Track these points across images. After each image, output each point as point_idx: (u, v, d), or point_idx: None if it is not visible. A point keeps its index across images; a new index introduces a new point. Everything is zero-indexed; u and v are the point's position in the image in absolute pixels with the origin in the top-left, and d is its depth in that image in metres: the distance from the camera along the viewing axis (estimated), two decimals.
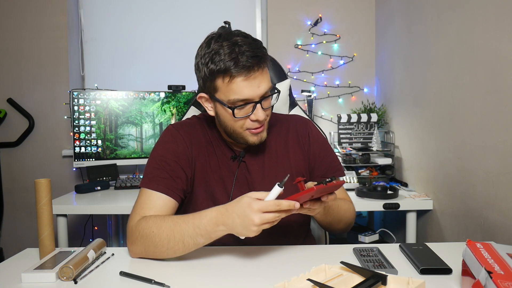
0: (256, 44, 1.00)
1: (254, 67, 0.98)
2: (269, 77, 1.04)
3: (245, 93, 0.99)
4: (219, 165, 1.15)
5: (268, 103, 1.05)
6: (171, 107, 2.43)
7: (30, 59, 2.64)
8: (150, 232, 0.97)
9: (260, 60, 0.99)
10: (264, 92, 1.01)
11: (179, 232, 0.95)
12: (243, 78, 0.98)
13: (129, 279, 0.89)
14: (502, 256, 0.76)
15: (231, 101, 1.01)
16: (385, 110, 2.44)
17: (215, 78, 1.00)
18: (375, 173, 2.21)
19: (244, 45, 0.98)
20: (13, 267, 0.98)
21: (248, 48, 0.97)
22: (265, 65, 1.01)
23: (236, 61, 0.96)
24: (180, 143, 1.13)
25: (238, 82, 0.98)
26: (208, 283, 0.87)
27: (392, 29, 2.35)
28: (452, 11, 1.63)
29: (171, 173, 1.08)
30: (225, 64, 0.97)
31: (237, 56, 0.96)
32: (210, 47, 1.01)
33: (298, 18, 2.64)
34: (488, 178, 1.40)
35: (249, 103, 1.01)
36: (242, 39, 0.99)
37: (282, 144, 1.19)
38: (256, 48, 0.99)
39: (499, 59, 1.33)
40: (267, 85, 1.02)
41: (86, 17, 2.75)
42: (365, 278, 0.78)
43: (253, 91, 0.99)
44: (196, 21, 2.73)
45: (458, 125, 1.60)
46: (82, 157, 2.31)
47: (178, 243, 0.95)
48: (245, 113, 1.03)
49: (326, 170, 1.20)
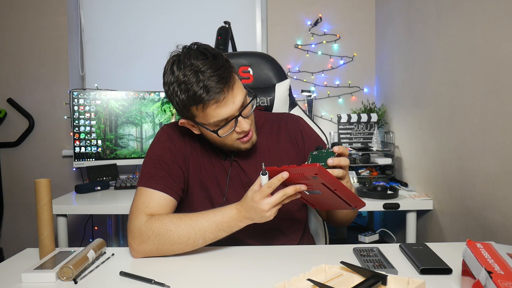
0: (218, 63, 0.98)
1: (224, 90, 0.97)
2: (241, 86, 1.03)
3: (223, 114, 1.00)
4: (213, 164, 1.17)
5: (248, 110, 1.06)
6: (171, 107, 2.43)
7: (30, 59, 2.64)
8: (168, 231, 1.00)
9: (227, 81, 0.98)
10: (241, 104, 1.02)
11: (200, 229, 1.00)
12: (216, 104, 0.98)
13: (129, 279, 0.89)
14: (502, 256, 0.76)
15: (212, 123, 1.02)
16: (385, 110, 2.44)
17: (189, 107, 1.00)
18: (375, 173, 2.21)
19: (208, 69, 0.96)
20: (13, 267, 0.98)
21: (211, 71, 0.96)
22: (232, 81, 1.00)
23: (205, 91, 0.95)
24: (176, 142, 1.15)
25: (212, 109, 0.98)
26: (208, 283, 0.87)
27: (392, 29, 2.35)
28: (452, 11, 1.63)
29: (170, 172, 1.10)
30: (194, 95, 0.96)
31: (204, 85, 0.95)
32: (174, 75, 1.00)
33: (298, 18, 2.64)
34: (488, 178, 1.40)
35: (230, 120, 1.02)
36: (202, 62, 0.97)
37: (274, 142, 1.21)
38: (218, 68, 0.97)
39: (499, 59, 1.33)
40: (241, 96, 1.02)
41: (86, 17, 2.75)
42: (365, 278, 0.78)
43: (230, 109, 1.00)
44: (196, 21, 2.73)
45: (458, 125, 1.60)
46: (82, 157, 2.31)
47: (199, 239, 1.00)
48: (229, 128, 1.04)
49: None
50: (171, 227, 1.00)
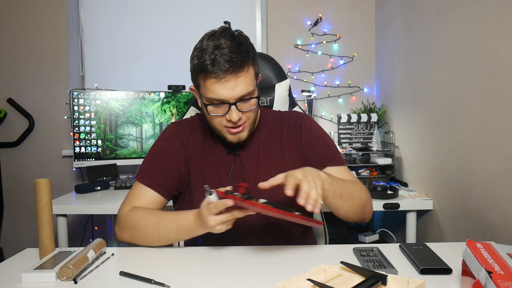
0: (239, 48, 1.03)
1: (228, 71, 1.01)
2: (249, 82, 1.06)
3: (219, 93, 1.03)
4: (215, 160, 1.18)
5: (247, 106, 1.08)
6: (171, 107, 2.43)
7: (30, 59, 2.64)
8: (138, 224, 1.09)
9: (235, 65, 1.01)
10: (241, 95, 1.04)
11: (163, 229, 1.06)
12: (214, 80, 1.02)
13: (129, 279, 0.89)
14: (502, 256, 0.76)
15: (208, 98, 1.06)
16: (385, 110, 2.44)
17: (196, 74, 1.06)
18: (375, 173, 2.22)
19: (226, 48, 1.01)
20: (13, 267, 0.98)
21: (228, 51, 1.01)
22: (242, 69, 1.03)
23: (212, 63, 1.01)
24: (176, 141, 1.19)
25: (211, 83, 1.03)
26: (208, 283, 0.87)
27: (392, 29, 2.35)
28: (452, 11, 1.63)
29: (163, 170, 1.15)
30: (203, 64, 1.02)
31: (214, 58, 1.01)
32: (201, 43, 1.06)
33: (298, 18, 2.64)
34: (488, 178, 1.40)
35: (225, 103, 1.05)
36: (226, 41, 1.02)
37: (276, 139, 1.21)
38: (235, 52, 1.02)
39: (499, 59, 1.33)
40: (244, 89, 1.04)
41: (86, 17, 2.75)
42: (365, 278, 0.78)
43: (227, 93, 1.03)
44: (196, 21, 2.73)
45: (458, 125, 1.60)
46: (82, 157, 2.31)
47: (163, 238, 1.07)
48: (220, 112, 1.07)
49: (322, 160, 1.18)
50: (142, 222, 1.08)
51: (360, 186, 1.14)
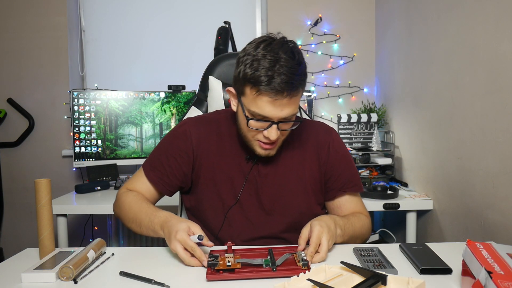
0: (297, 69, 0.98)
1: (284, 93, 0.96)
2: (298, 103, 1.03)
3: (266, 111, 0.99)
4: (230, 165, 1.15)
5: (286, 126, 1.04)
6: (171, 107, 2.43)
7: (30, 59, 2.64)
8: (124, 207, 1.14)
9: (292, 88, 0.97)
10: (286, 116, 1.01)
11: (139, 219, 1.09)
12: (269, 99, 0.97)
13: (129, 279, 0.89)
14: (502, 256, 0.76)
15: (251, 112, 1.01)
16: (385, 110, 2.44)
17: (245, 83, 1.00)
18: (375, 173, 2.21)
19: (285, 66, 0.96)
20: (13, 267, 0.97)
21: (287, 71, 0.95)
22: (296, 92, 0.99)
23: (269, 80, 0.95)
24: (185, 140, 1.16)
25: (263, 100, 0.98)
26: (208, 283, 0.86)
27: (392, 29, 2.35)
28: (452, 11, 1.63)
29: (167, 168, 1.16)
30: (258, 78, 0.96)
31: (272, 75, 0.95)
32: (256, 50, 0.99)
33: (298, 18, 2.64)
34: (488, 178, 1.40)
35: (267, 120, 1.01)
36: (286, 58, 0.97)
37: (300, 151, 1.17)
38: (294, 74, 0.96)
39: (499, 59, 1.33)
40: (292, 111, 1.01)
41: (86, 17, 2.75)
42: (365, 278, 0.78)
43: (275, 113, 0.99)
44: (196, 21, 2.73)
45: (458, 125, 1.60)
46: (82, 157, 2.31)
47: (137, 227, 1.10)
48: (259, 126, 1.03)
49: (343, 185, 1.18)
50: (127, 206, 1.13)
51: (364, 221, 1.18)
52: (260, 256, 0.94)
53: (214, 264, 0.90)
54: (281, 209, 1.14)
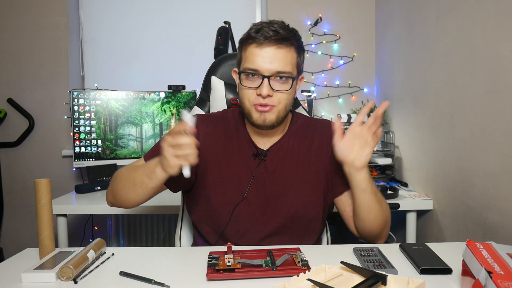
0: (287, 28, 1.07)
1: (270, 41, 1.03)
2: (289, 61, 1.07)
3: (256, 62, 1.04)
4: (237, 162, 1.15)
5: (280, 86, 1.07)
6: (171, 107, 2.43)
7: (30, 59, 2.64)
8: (119, 175, 1.12)
9: (279, 36, 1.04)
10: (276, 70, 1.05)
11: (134, 172, 1.07)
12: (255, 45, 1.04)
13: (129, 279, 0.89)
14: (502, 256, 0.76)
15: (244, 68, 1.07)
16: (385, 110, 2.44)
17: (241, 47, 1.09)
18: (375, 173, 2.21)
19: (276, 24, 1.05)
20: (13, 267, 0.97)
21: (276, 26, 1.04)
22: (284, 43, 1.05)
23: (256, 31, 1.04)
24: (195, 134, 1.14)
25: (252, 48, 1.05)
26: (208, 283, 0.86)
27: (392, 29, 2.35)
28: (452, 11, 1.63)
29: None
30: (248, 31, 1.06)
31: (261, 27, 1.04)
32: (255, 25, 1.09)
33: (298, 18, 2.64)
34: (488, 178, 1.40)
35: (258, 75, 1.05)
36: (277, 21, 1.07)
37: (305, 147, 1.18)
38: (283, 28, 1.05)
39: (499, 59, 1.33)
40: (282, 65, 1.05)
41: (86, 17, 2.75)
42: (365, 278, 0.78)
43: (263, 64, 1.04)
44: (196, 21, 2.73)
45: (458, 125, 1.60)
46: (82, 157, 2.31)
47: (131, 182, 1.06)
48: (252, 84, 1.07)
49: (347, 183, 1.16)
50: (122, 171, 1.12)
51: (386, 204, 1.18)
52: (260, 257, 0.94)
53: (214, 264, 0.90)
54: (288, 205, 1.14)
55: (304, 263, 0.90)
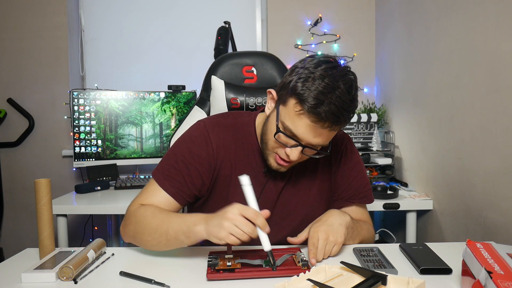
0: (349, 105, 0.93)
1: (326, 123, 0.92)
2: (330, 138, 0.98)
3: (300, 132, 0.94)
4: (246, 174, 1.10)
5: (310, 152, 1.00)
6: (171, 107, 2.43)
7: (30, 59, 2.64)
8: (144, 219, 1.00)
9: (337, 121, 0.93)
10: (315, 144, 0.97)
11: (167, 224, 0.97)
12: (309, 122, 0.92)
13: (129, 279, 0.89)
14: (502, 256, 0.76)
15: (285, 125, 0.96)
16: (385, 110, 2.44)
17: (292, 95, 0.94)
18: (375, 173, 2.21)
19: (339, 98, 0.90)
20: (13, 267, 0.97)
21: (339, 103, 0.90)
22: (339, 127, 0.95)
23: (317, 104, 0.90)
24: (206, 148, 1.08)
25: (302, 121, 0.93)
26: (208, 283, 0.86)
27: (392, 29, 2.35)
28: (452, 11, 1.63)
29: (186, 178, 1.06)
30: (307, 97, 0.91)
31: (323, 101, 0.90)
32: (316, 69, 0.93)
33: (298, 18, 2.64)
34: (488, 178, 1.40)
35: (294, 139, 0.96)
36: (343, 90, 0.91)
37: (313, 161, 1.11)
38: (344, 109, 0.91)
39: (499, 59, 1.33)
40: (324, 141, 0.97)
41: (86, 17, 2.75)
42: (365, 278, 0.78)
43: (308, 137, 0.95)
44: (196, 21, 2.73)
45: (458, 125, 1.60)
46: (82, 157, 2.31)
47: (162, 235, 0.97)
48: (285, 142, 0.98)
49: (351, 195, 1.16)
50: (148, 216, 1.00)
51: (368, 228, 1.17)
52: (260, 257, 0.94)
53: (214, 264, 0.90)
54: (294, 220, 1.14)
55: (304, 263, 0.90)
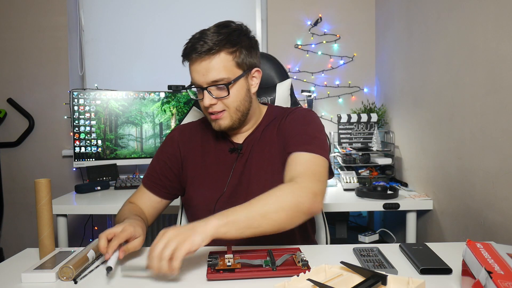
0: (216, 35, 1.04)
1: (200, 55, 1.04)
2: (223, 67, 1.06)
3: (193, 78, 1.08)
4: (215, 160, 1.19)
5: (220, 93, 1.08)
6: (171, 107, 2.43)
7: (30, 59, 2.64)
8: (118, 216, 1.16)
9: (205, 48, 1.03)
10: (211, 80, 1.06)
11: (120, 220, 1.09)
12: (189, 63, 1.08)
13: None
14: (502, 256, 0.76)
15: (192, 82, 1.10)
16: (385, 110, 2.44)
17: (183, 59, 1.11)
18: (375, 173, 2.21)
19: (205, 35, 1.05)
20: (13, 267, 0.97)
21: (205, 37, 1.04)
22: (212, 55, 1.04)
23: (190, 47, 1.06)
24: (172, 144, 1.24)
25: (188, 66, 1.09)
26: (208, 283, 0.86)
27: (392, 29, 2.35)
28: (452, 11, 1.63)
29: (159, 172, 1.22)
30: (184, 48, 1.08)
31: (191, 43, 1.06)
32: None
33: (298, 18, 2.64)
34: (488, 178, 1.40)
35: (198, 87, 1.09)
36: (212, 28, 1.07)
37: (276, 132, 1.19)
38: (211, 38, 1.04)
39: (499, 59, 1.33)
40: (216, 74, 1.05)
41: (86, 17, 2.75)
42: (365, 278, 0.78)
43: (199, 77, 1.06)
44: (196, 21, 2.72)
45: (458, 125, 1.60)
46: (82, 157, 2.31)
47: None
48: (199, 96, 1.11)
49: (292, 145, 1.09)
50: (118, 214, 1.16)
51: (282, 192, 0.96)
52: (260, 257, 0.94)
53: (214, 264, 0.90)
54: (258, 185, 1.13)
55: (304, 263, 0.90)
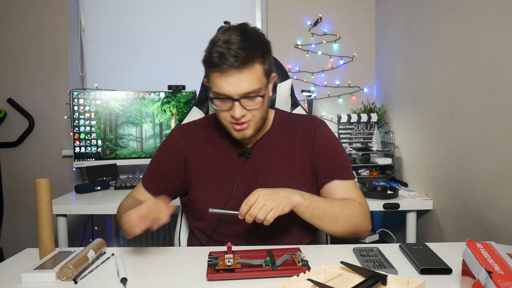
0: (247, 44, 1.02)
1: (232, 66, 1.01)
2: (256, 78, 1.05)
3: (222, 88, 1.04)
4: (223, 163, 1.18)
5: (251, 104, 1.07)
6: (171, 107, 2.43)
7: (30, 59, 2.64)
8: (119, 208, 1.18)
9: (242, 62, 1.01)
10: (245, 92, 1.04)
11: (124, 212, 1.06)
12: (218, 74, 1.03)
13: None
14: (502, 256, 0.76)
15: (214, 92, 1.07)
16: (385, 110, 2.44)
17: (205, 66, 1.08)
18: (375, 173, 2.21)
19: (235, 43, 1.01)
20: (13, 267, 0.98)
21: (235, 47, 1.01)
22: (246, 65, 1.02)
23: (218, 56, 1.01)
24: (174, 146, 1.22)
25: (216, 77, 1.04)
26: (208, 283, 0.86)
27: (392, 29, 2.35)
28: (452, 11, 1.63)
29: (161, 174, 1.21)
30: (210, 56, 1.03)
31: (221, 52, 1.01)
32: (214, 37, 1.07)
33: (298, 18, 2.64)
34: (488, 178, 1.40)
35: (229, 99, 1.05)
36: (236, 37, 1.02)
37: (289, 142, 1.19)
38: (242, 48, 1.01)
39: (499, 59, 1.33)
40: (249, 86, 1.04)
41: (86, 17, 2.75)
42: (365, 278, 0.78)
43: (231, 89, 1.03)
44: (196, 21, 2.73)
45: (458, 125, 1.60)
46: (82, 157, 2.31)
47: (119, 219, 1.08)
48: (224, 106, 1.07)
49: (330, 171, 1.17)
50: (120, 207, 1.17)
51: (354, 209, 1.11)
52: (260, 257, 0.94)
53: (214, 264, 0.90)
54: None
55: (304, 263, 0.90)
